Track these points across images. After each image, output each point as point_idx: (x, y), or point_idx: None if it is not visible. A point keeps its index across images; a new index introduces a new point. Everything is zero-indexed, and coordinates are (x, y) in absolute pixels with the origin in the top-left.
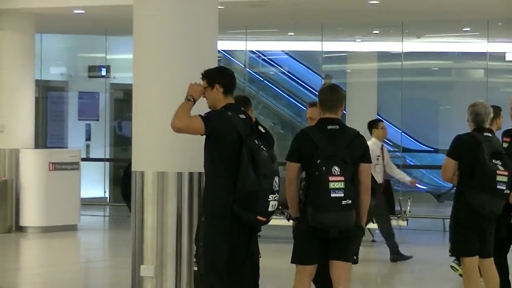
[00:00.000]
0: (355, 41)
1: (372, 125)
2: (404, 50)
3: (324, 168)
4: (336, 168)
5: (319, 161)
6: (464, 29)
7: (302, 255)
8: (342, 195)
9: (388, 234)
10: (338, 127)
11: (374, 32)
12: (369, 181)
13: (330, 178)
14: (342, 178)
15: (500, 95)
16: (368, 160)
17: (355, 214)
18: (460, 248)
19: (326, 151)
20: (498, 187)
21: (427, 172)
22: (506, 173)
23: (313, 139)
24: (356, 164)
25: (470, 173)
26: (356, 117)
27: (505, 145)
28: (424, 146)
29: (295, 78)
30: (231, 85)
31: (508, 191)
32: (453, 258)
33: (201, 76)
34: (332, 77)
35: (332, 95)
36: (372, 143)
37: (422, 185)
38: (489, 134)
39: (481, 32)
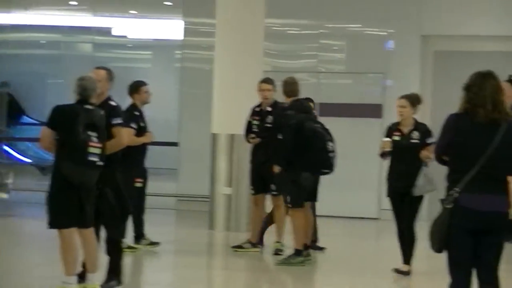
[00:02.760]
0: None
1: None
2: (11, 23)
3: None
4: None
5: None
6: (71, 3)
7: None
8: None
9: None
10: None
11: None
12: None
13: None
14: None
15: None
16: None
17: None
18: (59, 220)
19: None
20: (90, 158)
21: (32, 145)
22: (99, 145)
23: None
24: None
25: (64, 143)
26: None
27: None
28: (30, 119)
29: None
30: None
31: (101, 163)
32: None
33: None
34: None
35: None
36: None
37: (27, 158)
38: (90, 107)
39: (88, 6)
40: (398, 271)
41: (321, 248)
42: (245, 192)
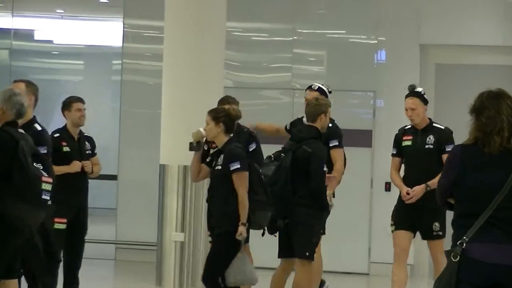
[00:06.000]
0: None
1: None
2: None
3: None
4: None
5: None
6: None
7: None
8: None
9: None
10: None
11: None
12: None
13: None
14: None
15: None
16: None
17: None
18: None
19: None
20: (43, 197)
21: None
22: (50, 180)
23: None
24: None
25: (5, 177)
26: None
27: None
28: None
29: None
30: None
31: (50, 202)
32: None
33: None
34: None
35: None
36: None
37: None
38: (23, 131)
39: (5, 4)
40: None
41: None
42: (201, 238)
